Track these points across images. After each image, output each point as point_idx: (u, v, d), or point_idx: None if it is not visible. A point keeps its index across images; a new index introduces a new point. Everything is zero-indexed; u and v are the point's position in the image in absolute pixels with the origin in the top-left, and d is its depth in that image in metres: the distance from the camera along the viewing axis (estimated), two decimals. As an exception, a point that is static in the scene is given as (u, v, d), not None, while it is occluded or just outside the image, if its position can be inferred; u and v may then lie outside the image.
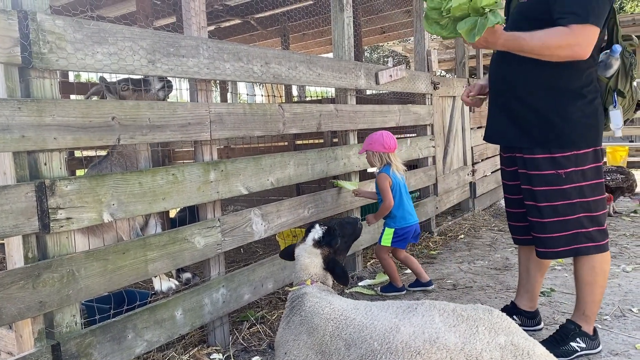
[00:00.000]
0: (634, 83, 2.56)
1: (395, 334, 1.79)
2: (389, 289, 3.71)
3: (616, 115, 2.52)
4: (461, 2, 2.10)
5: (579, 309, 2.65)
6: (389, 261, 3.72)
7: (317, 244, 2.41)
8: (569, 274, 3.90)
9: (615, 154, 10.41)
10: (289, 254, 2.52)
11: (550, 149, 2.48)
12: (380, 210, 3.63)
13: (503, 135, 2.70)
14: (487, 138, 2.84)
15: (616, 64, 2.48)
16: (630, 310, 3.17)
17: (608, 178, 6.14)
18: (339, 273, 2.40)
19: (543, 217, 2.55)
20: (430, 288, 3.73)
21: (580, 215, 2.50)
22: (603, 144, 2.63)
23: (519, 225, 2.84)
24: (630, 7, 22.02)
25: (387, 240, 3.67)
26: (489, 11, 2.12)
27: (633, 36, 2.63)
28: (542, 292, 3.54)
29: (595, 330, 2.66)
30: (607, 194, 5.25)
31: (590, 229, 2.52)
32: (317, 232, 2.45)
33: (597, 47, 2.40)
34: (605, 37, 2.53)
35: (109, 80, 3.10)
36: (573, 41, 2.23)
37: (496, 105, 2.73)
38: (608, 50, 2.48)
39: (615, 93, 2.52)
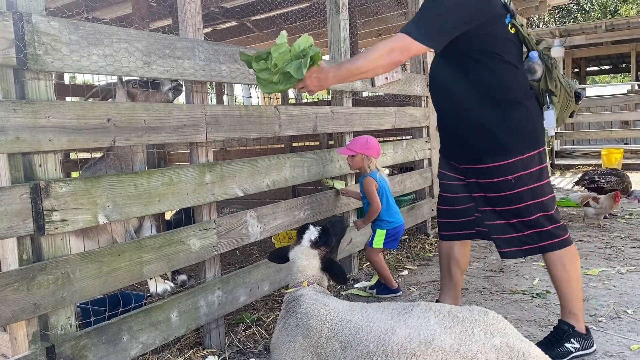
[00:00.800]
0: (562, 77, 2.69)
1: (391, 335, 1.79)
2: (384, 291, 3.70)
3: (549, 115, 2.65)
4: (281, 52, 2.40)
5: (565, 308, 2.71)
6: (382, 263, 3.72)
7: (314, 245, 2.38)
8: (564, 276, 3.91)
9: (610, 156, 10.46)
10: (280, 257, 2.47)
11: (495, 157, 2.57)
12: (368, 214, 3.64)
13: (454, 154, 2.80)
14: (443, 155, 2.93)
15: (539, 68, 2.62)
16: (625, 311, 3.18)
17: (603, 180, 6.16)
18: (337, 273, 2.39)
19: (502, 220, 2.66)
20: (399, 294, 3.71)
21: (538, 215, 2.60)
22: (599, 145, 2.71)
23: (446, 222, 2.95)
24: (625, 11, 22.14)
25: (379, 242, 3.67)
26: (306, 51, 2.43)
27: (544, 39, 2.82)
28: (537, 294, 3.56)
29: (587, 329, 2.70)
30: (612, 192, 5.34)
31: (549, 227, 2.62)
32: (312, 233, 2.42)
33: (517, 58, 2.58)
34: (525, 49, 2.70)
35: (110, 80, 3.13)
36: (391, 46, 2.39)
37: (441, 125, 2.85)
38: (527, 58, 2.65)
39: (547, 94, 2.64)
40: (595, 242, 4.91)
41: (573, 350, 2.62)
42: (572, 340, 2.63)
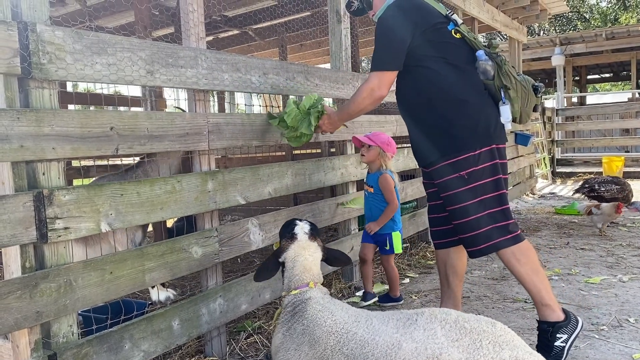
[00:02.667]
0: (514, 73, 2.77)
1: (397, 350, 1.76)
2: (386, 299, 3.68)
3: (505, 110, 2.73)
4: (293, 116, 2.97)
5: (537, 302, 2.72)
6: (396, 270, 3.65)
7: (312, 236, 2.26)
8: (566, 284, 3.91)
9: (611, 164, 10.45)
10: (269, 269, 2.30)
11: (448, 155, 2.68)
12: (385, 214, 3.49)
13: (417, 156, 2.95)
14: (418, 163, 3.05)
15: (490, 67, 2.70)
16: (627, 320, 3.18)
17: (603, 189, 6.16)
18: (340, 256, 2.34)
19: (460, 218, 2.71)
20: (401, 303, 3.67)
21: (490, 211, 2.66)
22: (600, 153, 2.74)
23: (436, 230, 3.02)
24: (625, 19, 22.22)
25: (399, 245, 3.54)
26: (312, 108, 3.00)
27: (490, 41, 2.94)
28: (539, 302, 3.55)
29: (565, 311, 2.69)
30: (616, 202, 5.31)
31: (503, 223, 2.68)
32: (304, 226, 2.28)
33: (464, 60, 2.71)
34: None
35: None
36: (368, 87, 2.72)
37: (409, 133, 2.98)
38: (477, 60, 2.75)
39: (502, 90, 2.72)
40: (596, 250, 4.90)
41: (564, 344, 2.64)
42: (557, 335, 2.65)
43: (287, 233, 2.29)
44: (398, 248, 3.52)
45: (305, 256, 2.21)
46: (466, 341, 1.70)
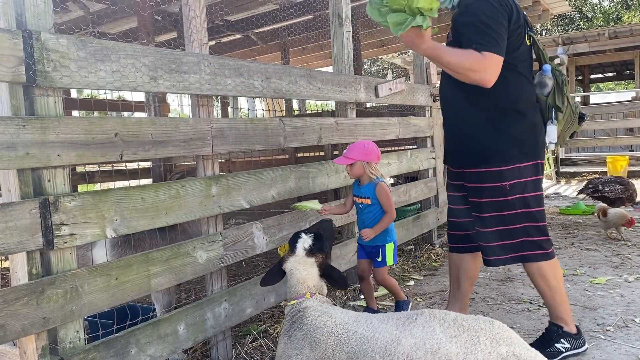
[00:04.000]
0: (570, 96, 2.74)
1: (397, 346, 1.80)
2: (399, 308, 3.45)
3: (552, 130, 2.72)
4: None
5: (553, 313, 2.77)
6: (392, 280, 3.43)
7: (310, 252, 2.35)
8: (571, 285, 3.90)
9: (615, 164, 10.42)
10: (274, 276, 2.40)
11: (494, 163, 2.64)
12: (382, 223, 3.23)
13: (454, 157, 2.89)
14: (445, 160, 3.01)
15: (550, 82, 2.68)
16: (633, 320, 3.17)
17: (607, 189, 6.13)
18: (337, 278, 2.38)
19: (489, 227, 2.69)
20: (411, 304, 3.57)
21: (526, 224, 2.65)
22: (604, 153, 2.77)
23: (456, 234, 3.00)
24: (628, 18, 22.17)
25: (391, 257, 3.30)
26: (421, 14, 2.23)
27: (560, 55, 2.89)
28: (544, 303, 3.54)
29: (578, 328, 2.75)
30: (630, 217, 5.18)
31: (537, 238, 2.67)
32: (306, 240, 2.38)
33: (528, 70, 2.62)
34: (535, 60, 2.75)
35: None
36: (482, 68, 2.41)
37: (446, 128, 2.93)
38: (540, 71, 2.71)
39: (553, 109, 2.69)
40: (602, 250, 4.89)
41: (563, 350, 2.68)
42: (562, 340, 2.70)
43: (291, 245, 2.42)
44: (390, 260, 3.26)
45: (300, 270, 2.32)
46: (464, 337, 1.75)
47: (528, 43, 2.64)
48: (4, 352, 2.18)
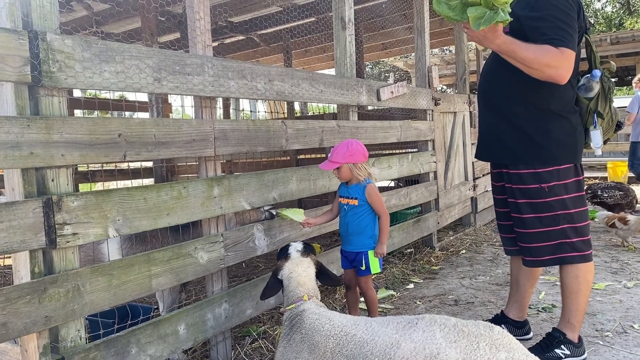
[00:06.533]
0: (613, 105, 2.74)
1: (396, 350, 1.81)
2: None
3: (596, 135, 2.71)
4: None
5: (565, 317, 2.77)
6: (374, 293, 3.15)
7: (304, 253, 2.43)
8: (571, 290, 3.90)
9: (616, 169, 10.44)
10: (274, 287, 2.41)
11: (534, 164, 2.65)
12: (384, 230, 3.02)
13: (490, 152, 2.89)
14: (477, 155, 3.01)
15: (596, 87, 2.66)
16: (632, 326, 3.18)
17: (605, 195, 6.13)
18: (331, 275, 2.47)
19: (527, 228, 2.70)
20: None
21: (564, 226, 2.65)
22: (604, 158, 2.78)
23: (508, 237, 2.98)
24: (630, 24, 22.19)
25: (377, 264, 3.02)
26: (495, 8, 2.18)
27: (610, 61, 2.83)
28: (543, 308, 3.56)
29: (580, 338, 2.76)
30: None
31: (575, 239, 2.66)
32: (296, 245, 2.48)
33: (574, 72, 2.54)
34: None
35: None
36: (559, 64, 2.36)
37: (483, 123, 2.92)
38: (589, 75, 2.67)
39: (595, 114, 2.69)
40: (601, 255, 4.90)
41: (562, 356, 2.70)
42: (562, 346, 2.71)
43: (282, 255, 2.47)
44: (375, 268, 3.00)
45: (298, 272, 2.36)
46: (464, 343, 1.75)
47: (582, 46, 2.65)
48: (5, 350, 2.19)
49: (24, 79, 1.94)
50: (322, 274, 2.44)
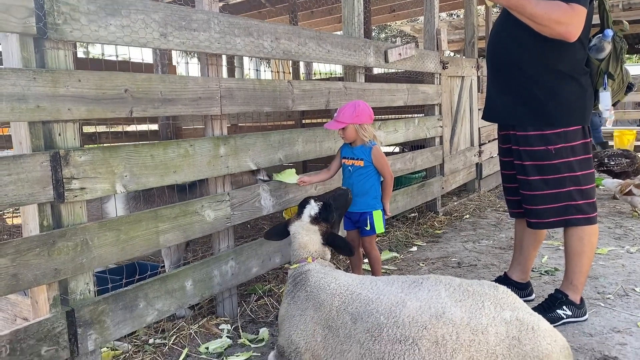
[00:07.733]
0: (624, 66, 2.69)
1: (402, 308, 1.83)
2: None
3: (605, 97, 2.66)
4: None
5: (567, 279, 2.80)
6: (378, 253, 3.19)
7: (314, 220, 2.42)
8: (573, 254, 3.93)
9: (622, 138, 10.35)
10: (278, 233, 2.50)
11: (541, 126, 2.63)
12: (388, 190, 3.07)
13: (497, 113, 2.86)
14: (484, 116, 2.98)
15: (608, 48, 2.60)
16: (634, 289, 3.21)
17: (612, 162, 6.10)
18: (341, 245, 2.44)
19: (533, 190, 2.70)
20: None
21: (570, 188, 2.65)
22: (611, 127, 2.74)
23: (514, 199, 2.98)
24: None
25: (380, 224, 3.05)
26: None
27: (623, 21, 2.74)
28: (546, 271, 3.59)
29: (582, 299, 2.80)
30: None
31: (580, 202, 2.67)
32: (312, 208, 2.44)
33: (585, 31, 2.49)
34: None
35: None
36: (570, 20, 2.32)
37: (492, 84, 2.88)
38: (600, 35, 2.60)
39: (605, 75, 2.64)
40: (605, 222, 4.90)
41: (564, 317, 2.74)
42: (564, 307, 2.75)
43: (300, 209, 2.47)
44: (380, 227, 3.03)
45: (302, 235, 2.39)
46: (469, 302, 1.78)
47: (595, 4, 2.58)
48: (16, 302, 2.23)
49: (29, 31, 1.91)
50: (331, 243, 2.41)
